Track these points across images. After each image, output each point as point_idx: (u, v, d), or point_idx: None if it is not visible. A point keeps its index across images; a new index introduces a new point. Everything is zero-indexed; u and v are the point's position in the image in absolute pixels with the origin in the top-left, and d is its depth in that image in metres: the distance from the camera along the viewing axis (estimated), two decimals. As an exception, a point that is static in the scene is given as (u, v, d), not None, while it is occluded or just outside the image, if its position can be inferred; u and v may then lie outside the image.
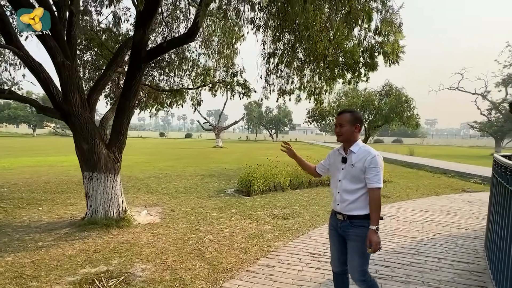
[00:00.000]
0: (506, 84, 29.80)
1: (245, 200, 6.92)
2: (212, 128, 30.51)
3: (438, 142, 69.95)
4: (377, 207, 1.99)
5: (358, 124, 2.14)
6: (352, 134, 2.13)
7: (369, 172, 2.01)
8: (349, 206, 2.08)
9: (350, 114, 2.16)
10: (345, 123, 2.14)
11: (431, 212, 5.05)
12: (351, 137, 2.14)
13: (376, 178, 1.99)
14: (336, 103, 13.20)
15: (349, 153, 2.13)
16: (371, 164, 2.01)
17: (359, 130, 2.17)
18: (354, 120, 2.13)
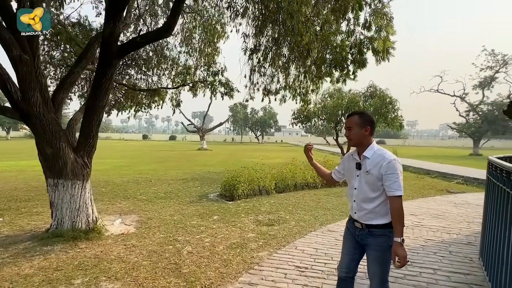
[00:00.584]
0: (483, 87, 30.88)
1: (228, 205, 6.60)
2: (197, 130, 29.92)
3: (419, 143, 71.91)
4: (400, 217, 1.83)
5: (368, 127, 1.97)
6: (363, 137, 1.98)
7: (387, 179, 1.84)
8: (367, 215, 1.95)
9: (358, 116, 2.01)
10: (353, 126, 2.00)
11: (419, 216, 4.91)
12: (362, 141, 1.99)
13: (396, 185, 1.83)
14: (321, 104, 13.09)
15: (363, 159, 1.97)
16: (388, 170, 1.84)
17: (371, 132, 1.99)
18: (363, 122, 1.98)
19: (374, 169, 1.89)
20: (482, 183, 9.84)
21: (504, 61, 29.57)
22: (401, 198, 1.84)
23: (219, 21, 6.65)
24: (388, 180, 1.84)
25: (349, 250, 2.09)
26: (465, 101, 31.60)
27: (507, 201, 2.41)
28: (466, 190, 8.87)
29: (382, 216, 1.91)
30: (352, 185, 2.05)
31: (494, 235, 2.68)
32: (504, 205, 2.43)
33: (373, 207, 1.91)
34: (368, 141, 1.98)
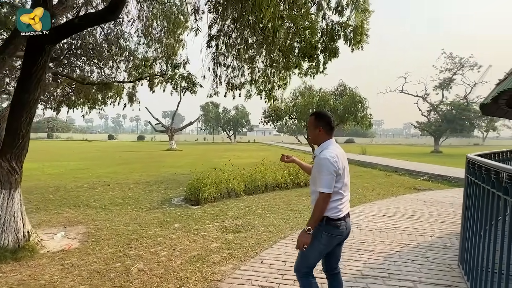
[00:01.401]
0: (442, 88, 32.73)
1: (193, 210, 6.06)
2: (165, 129, 28.68)
3: (385, 141, 75.28)
4: (317, 210, 1.96)
5: (321, 127, 2.09)
6: (317, 136, 2.12)
7: (318, 175, 1.99)
8: (311, 206, 2.10)
9: (313, 117, 2.14)
10: (310, 125, 2.16)
11: (392, 217, 4.73)
12: (317, 139, 2.14)
13: (321, 182, 1.94)
14: (292, 102, 12.89)
15: (315, 156, 2.15)
16: (318, 167, 2.00)
17: (323, 131, 2.10)
18: (317, 123, 2.11)
19: (316, 165, 2.05)
20: (446, 179, 10.14)
21: (461, 64, 31.54)
22: (324, 195, 1.93)
23: (181, 10, 6.08)
24: (318, 177, 1.97)
25: None
26: (426, 101, 33.31)
27: (490, 201, 2.16)
28: (432, 187, 9.05)
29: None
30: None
31: (475, 240, 2.44)
32: (489, 207, 2.19)
33: (313, 199, 2.07)
34: (321, 140, 2.10)
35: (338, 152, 2.02)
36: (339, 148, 2.10)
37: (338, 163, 1.96)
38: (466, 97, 31.97)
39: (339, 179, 1.99)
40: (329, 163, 1.93)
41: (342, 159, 2.04)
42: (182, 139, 66.35)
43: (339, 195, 2.02)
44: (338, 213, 2.01)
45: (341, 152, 2.09)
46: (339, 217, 2.01)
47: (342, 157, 2.05)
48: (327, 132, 2.09)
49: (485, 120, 34.92)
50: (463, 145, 58.20)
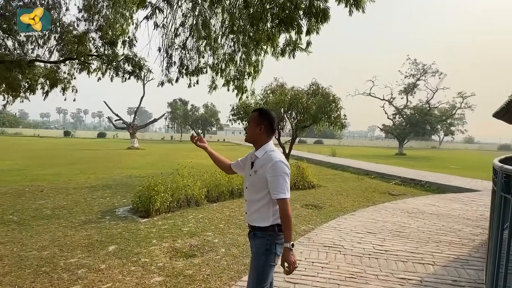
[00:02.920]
0: (407, 92, 33.90)
1: (139, 225, 4.92)
2: (126, 126, 26.50)
3: (352, 143, 77.72)
4: (288, 221, 1.74)
5: (263, 126, 1.88)
6: (257, 135, 1.91)
7: (272, 181, 1.76)
8: (252, 216, 1.90)
9: (257, 113, 1.94)
10: (251, 122, 1.93)
11: (378, 234, 3.99)
12: (256, 139, 1.92)
13: (278, 187, 1.73)
14: (263, 100, 12.01)
15: (255, 158, 1.92)
16: (273, 171, 1.76)
17: (267, 132, 1.90)
18: (259, 120, 1.90)
19: (260, 169, 1.83)
20: (418, 183, 9.88)
21: (424, 70, 32.87)
22: (285, 200, 1.74)
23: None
24: (272, 182, 1.76)
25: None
26: (392, 105, 34.31)
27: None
28: (405, 192, 8.66)
29: (264, 219, 1.83)
30: (245, 184, 2.00)
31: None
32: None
33: (257, 208, 1.85)
34: (262, 141, 1.91)
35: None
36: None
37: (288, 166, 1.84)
38: (429, 102, 33.41)
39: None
40: (284, 166, 1.79)
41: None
42: (147, 137, 63.11)
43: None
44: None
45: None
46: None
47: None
48: (268, 133, 1.91)
49: (445, 124, 36.83)
50: (422, 148, 61.64)
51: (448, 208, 5.71)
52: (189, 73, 4.08)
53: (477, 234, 4.06)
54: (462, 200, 6.61)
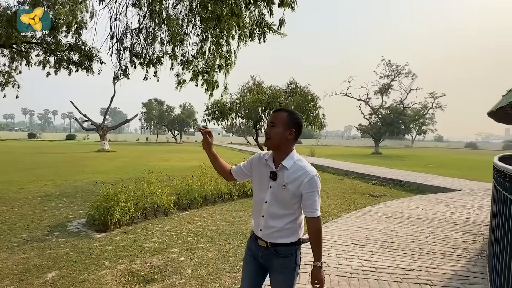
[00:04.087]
0: (382, 93, 34.65)
1: (93, 242, 4.21)
2: (96, 127, 24.91)
3: (330, 142, 79.04)
4: (320, 240, 1.60)
5: (294, 130, 1.62)
6: (285, 141, 1.62)
7: (308, 198, 1.56)
8: (275, 233, 1.64)
9: (287, 114, 1.64)
10: (278, 123, 1.62)
11: (365, 246, 3.58)
12: (281, 144, 1.62)
13: (315, 204, 1.57)
14: (240, 99, 11.49)
15: (281, 168, 1.62)
16: (309, 188, 1.56)
17: (295, 137, 1.64)
18: (290, 123, 1.62)
19: (293, 184, 1.57)
20: (398, 183, 9.75)
21: (398, 71, 33.73)
22: (319, 218, 1.59)
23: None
24: (308, 199, 1.57)
25: (250, 274, 1.75)
26: (368, 105, 34.94)
27: None
28: (386, 193, 8.46)
29: (290, 235, 1.63)
30: (262, 197, 1.66)
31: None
32: None
33: (283, 225, 1.62)
34: (289, 147, 1.65)
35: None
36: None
37: None
38: (402, 102, 34.32)
39: None
40: (319, 181, 1.60)
41: None
42: (121, 138, 60.55)
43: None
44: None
45: None
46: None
47: None
48: (296, 139, 1.66)
49: (417, 124, 38.05)
50: (396, 147, 63.74)
51: (433, 211, 5.45)
52: (145, 64, 3.47)
53: (469, 242, 3.76)
54: (444, 201, 6.43)
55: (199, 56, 4.28)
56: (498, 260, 2.39)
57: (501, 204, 2.46)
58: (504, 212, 2.39)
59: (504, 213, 2.40)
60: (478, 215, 5.26)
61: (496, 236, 2.59)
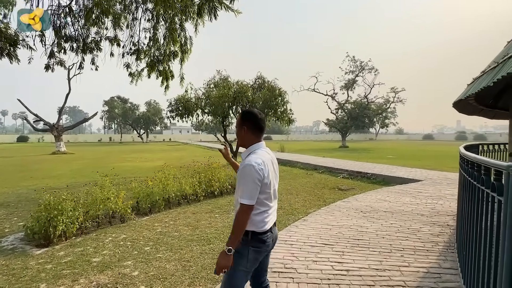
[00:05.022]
0: (347, 88, 35.66)
1: (29, 261, 3.62)
2: (50, 128, 22.86)
3: (299, 138, 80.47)
4: (238, 226, 1.64)
5: (245, 126, 1.80)
6: (242, 137, 1.83)
7: (237, 185, 1.73)
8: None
9: (239, 115, 1.88)
10: (237, 125, 1.89)
11: (335, 246, 3.38)
12: (243, 141, 1.85)
13: (242, 192, 1.64)
14: (206, 94, 10.98)
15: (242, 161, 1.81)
16: (239, 176, 1.71)
17: (249, 132, 1.79)
18: (241, 120, 1.82)
19: (238, 172, 1.77)
20: (364, 176, 9.89)
21: (362, 67, 34.85)
22: (246, 207, 1.63)
23: None
24: (238, 185, 1.71)
25: None
26: (335, 100, 35.80)
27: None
28: (354, 186, 8.50)
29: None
30: None
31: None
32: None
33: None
34: (249, 141, 1.81)
35: (266, 158, 1.74)
36: (269, 153, 1.82)
37: (265, 170, 1.68)
38: (367, 97, 35.59)
39: (265, 189, 1.70)
40: (253, 171, 1.64)
41: (271, 165, 1.77)
42: (81, 139, 56.74)
43: (266, 207, 1.74)
44: (264, 226, 1.72)
45: (269, 158, 1.79)
46: (266, 230, 1.73)
47: (271, 163, 1.78)
48: (254, 132, 1.79)
49: (380, 118, 39.75)
50: (361, 140, 66.48)
51: (400, 203, 5.47)
52: (80, 49, 2.95)
53: (437, 235, 3.73)
54: (409, 192, 6.53)
55: (153, 44, 3.81)
56: (468, 255, 2.28)
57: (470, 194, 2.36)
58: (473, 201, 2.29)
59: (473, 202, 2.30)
60: (442, 205, 5.35)
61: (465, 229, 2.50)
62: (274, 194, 1.78)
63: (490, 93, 4.68)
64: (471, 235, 2.25)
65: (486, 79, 2.94)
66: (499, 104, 5.27)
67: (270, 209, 1.76)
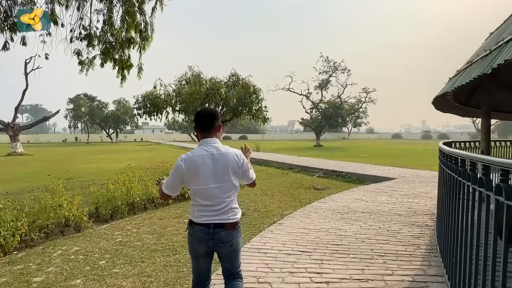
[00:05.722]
0: (321, 88, 36.19)
1: (-51, 286, 2.99)
2: (4, 127, 20.86)
3: (275, 137, 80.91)
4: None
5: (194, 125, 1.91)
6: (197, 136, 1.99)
7: None
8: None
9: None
10: None
11: (313, 253, 3.09)
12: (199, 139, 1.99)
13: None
14: (177, 91, 10.41)
15: None
16: None
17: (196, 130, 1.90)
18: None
19: None
20: (339, 175, 9.84)
21: (335, 67, 35.53)
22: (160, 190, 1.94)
23: None
24: None
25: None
26: (309, 99, 36.19)
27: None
28: (329, 185, 8.38)
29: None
30: None
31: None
32: None
33: None
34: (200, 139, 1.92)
35: (198, 154, 1.78)
36: (208, 150, 1.79)
37: (183, 166, 1.78)
38: (340, 97, 36.35)
39: (188, 184, 1.81)
40: (175, 164, 1.82)
41: (204, 163, 1.76)
42: (43, 139, 53.04)
43: (195, 201, 1.85)
44: (196, 218, 1.83)
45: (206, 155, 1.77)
46: (198, 222, 1.82)
47: (209, 160, 1.76)
48: (198, 130, 1.87)
49: (353, 117, 40.86)
50: (335, 139, 68.07)
51: (377, 203, 5.35)
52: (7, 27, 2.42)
53: (418, 236, 3.58)
54: (384, 191, 6.47)
55: (108, 29, 3.32)
56: (456, 261, 2.09)
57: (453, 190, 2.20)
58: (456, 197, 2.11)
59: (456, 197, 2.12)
60: (417, 203, 5.30)
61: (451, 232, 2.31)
62: (204, 193, 1.77)
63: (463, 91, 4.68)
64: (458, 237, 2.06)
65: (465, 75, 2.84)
66: (471, 102, 5.31)
67: (200, 205, 1.80)
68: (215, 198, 1.77)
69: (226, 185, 1.77)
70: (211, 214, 1.77)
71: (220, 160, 1.76)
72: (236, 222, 1.84)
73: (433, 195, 6.00)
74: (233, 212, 1.82)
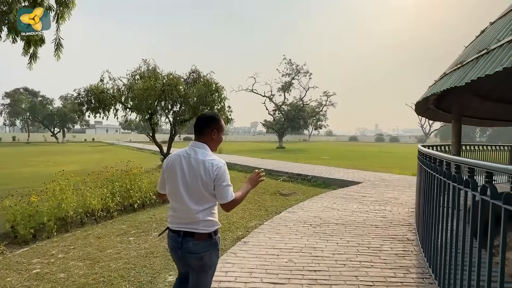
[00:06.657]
0: (284, 90, 36.40)
1: None
2: None
3: (237, 138, 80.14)
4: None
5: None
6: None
7: None
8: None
9: None
10: None
11: (287, 285, 2.49)
12: None
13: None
14: (128, 86, 9.25)
15: None
16: None
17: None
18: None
19: None
20: (305, 179, 9.51)
21: (297, 70, 35.97)
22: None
23: None
24: None
25: None
26: (272, 101, 36.19)
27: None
28: (296, 190, 7.95)
29: None
30: None
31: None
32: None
33: None
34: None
35: (177, 154, 1.80)
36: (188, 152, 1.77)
37: (165, 164, 1.84)
38: (302, 99, 36.87)
39: (166, 184, 1.81)
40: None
41: (180, 164, 1.74)
42: (-26, 138, 46.31)
43: (170, 204, 1.82)
44: (169, 223, 1.80)
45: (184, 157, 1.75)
46: (170, 228, 1.79)
47: (185, 163, 1.73)
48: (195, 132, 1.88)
49: (314, 120, 41.71)
50: (296, 141, 69.41)
51: (349, 212, 4.95)
52: None
53: (403, 255, 3.16)
54: (354, 197, 6.16)
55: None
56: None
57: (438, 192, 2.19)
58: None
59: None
60: (391, 211, 5.00)
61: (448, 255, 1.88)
62: (173, 194, 1.75)
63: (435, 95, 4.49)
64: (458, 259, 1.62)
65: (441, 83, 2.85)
66: (442, 105, 5.16)
67: (172, 209, 1.79)
68: (184, 203, 1.69)
69: (195, 192, 1.68)
70: (180, 221, 1.72)
71: (193, 165, 1.71)
72: (208, 234, 1.70)
73: (402, 201, 5.81)
74: (206, 223, 1.69)
